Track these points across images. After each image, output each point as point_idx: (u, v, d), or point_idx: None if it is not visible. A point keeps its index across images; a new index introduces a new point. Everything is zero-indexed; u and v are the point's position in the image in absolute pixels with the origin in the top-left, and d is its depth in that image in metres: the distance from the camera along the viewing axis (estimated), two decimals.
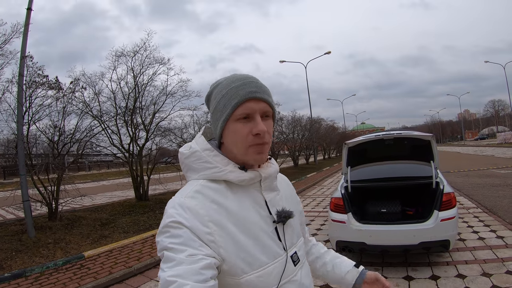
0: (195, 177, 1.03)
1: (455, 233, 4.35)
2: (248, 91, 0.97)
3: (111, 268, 5.21)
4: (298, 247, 1.10)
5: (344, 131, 55.11)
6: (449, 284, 3.89)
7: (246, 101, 0.97)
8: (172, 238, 0.87)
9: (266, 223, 1.01)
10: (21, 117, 7.18)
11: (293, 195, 1.27)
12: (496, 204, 7.74)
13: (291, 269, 1.02)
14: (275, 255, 0.99)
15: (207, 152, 1.03)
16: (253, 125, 0.97)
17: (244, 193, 1.02)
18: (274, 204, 1.05)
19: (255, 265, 0.93)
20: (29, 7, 7.41)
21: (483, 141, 71.95)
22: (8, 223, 8.33)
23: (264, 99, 0.99)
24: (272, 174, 1.07)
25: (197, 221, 0.89)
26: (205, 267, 0.83)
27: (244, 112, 0.97)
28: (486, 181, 11.82)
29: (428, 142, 4.97)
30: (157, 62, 11.20)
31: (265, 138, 0.98)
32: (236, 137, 0.98)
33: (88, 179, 29.28)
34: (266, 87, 1.04)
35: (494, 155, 25.97)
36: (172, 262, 0.83)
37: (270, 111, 1.02)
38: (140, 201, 11.03)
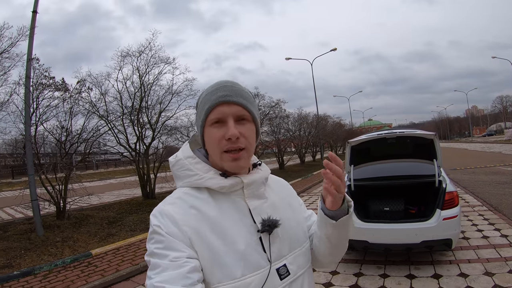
0: (180, 185, 1.04)
1: (457, 232, 4.36)
2: (219, 96, 0.96)
3: (118, 266, 5.30)
4: (291, 260, 1.01)
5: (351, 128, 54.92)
6: (451, 283, 3.91)
7: (217, 106, 0.96)
8: (156, 243, 0.88)
9: (249, 232, 0.97)
10: (28, 118, 7.30)
11: (292, 196, 1.20)
12: (501, 202, 7.71)
13: (275, 283, 0.95)
14: (256, 267, 0.93)
15: (189, 159, 1.03)
16: (226, 130, 0.95)
17: (227, 200, 0.99)
18: (259, 212, 1.00)
19: (231, 275, 0.90)
20: (35, 9, 7.53)
21: (491, 138, 71.23)
22: (17, 222, 8.48)
23: (237, 102, 0.96)
24: (256, 180, 1.03)
25: (174, 227, 0.89)
26: (191, 271, 0.83)
27: (216, 116, 0.96)
28: (492, 179, 11.74)
29: (431, 141, 4.98)
30: (162, 62, 11.34)
31: (239, 143, 0.95)
32: (211, 142, 0.98)
33: (95, 177, 29.56)
34: (244, 90, 1.01)
35: (501, 152, 25.73)
36: (158, 269, 0.83)
37: (247, 115, 0.98)
38: (147, 199, 11.15)
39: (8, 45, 7.37)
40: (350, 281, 4.29)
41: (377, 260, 4.86)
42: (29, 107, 7.31)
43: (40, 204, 7.53)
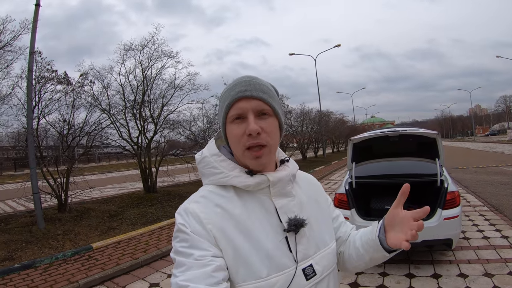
0: (206, 182, 1.02)
1: (458, 232, 4.35)
2: (237, 91, 0.95)
3: (118, 260, 5.32)
4: (317, 260, 1.00)
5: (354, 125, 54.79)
6: (450, 283, 3.91)
7: (237, 101, 0.94)
8: (182, 242, 0.88)
9: (275, 231, 0.95)
10: (30, 111, 7.32)
11: (320, 195, 1.18)
12: (503, 203, 7.69)
13: (301, 283, 0.94)
14: (281, 267, 0.92)
15: (215, 157, 1.02)
16: (246, 126, 0.93)
17: (253, 199, 0.97)
18: (286, 211, 0.98)
19: (255, 275, 0.89)
20: (37, 3, 7.51)
21: (494, 137, 71.08)
22: (19, 215, 8.50)
23: (256, 97, 0.95)
24: (283, 178, 1.00)
25: (198, 225, 0.89)
26: (216, 270, 0.83)
27: (236, 112, 0.94)
28: (494, 179, 11.73)
29: (434, 140, 4.96)
30: (165, 56, 11.31)
31: (260, 138, 0.93)
32: (232, 139, 0.97)
33: (97, 170, 29.65)
34: (264, 84, 0.99)
35: (504, 152, 25.67)
36: (183, 267, 0.83)
37: (267, 109, 0.96)
38: (148, 193, 11.17)
39: (11, 38, 7.39)
40: (350, 279, 4.29)
41: None
42: (31, 100, 7.32)
43: (42, 197, 7.56)
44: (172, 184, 13.60)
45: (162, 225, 7.42)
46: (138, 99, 10.98)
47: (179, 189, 12.45)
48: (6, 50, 7.46)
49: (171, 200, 10.39)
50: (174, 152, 13.31)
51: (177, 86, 11.73)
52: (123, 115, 10.80)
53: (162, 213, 8.64)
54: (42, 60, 7.99)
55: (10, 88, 7.80)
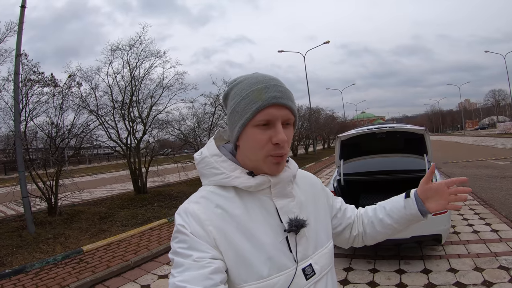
0: (205, 183, 1.01)
1: (447, 227, 4.38)
2: (271, 96, 0.91)
3: (109, 262, 5.28)
4: (316, 259, 1.01)
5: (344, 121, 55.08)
6: (440, 278, 3.94)
7: (268, 107, 0.91)
8: (180, 243, 0.87)
9: (275, 232, 0.95)
10: (18, 114, 7.23)
11: (319, 193, 1.18)
12: (492, 196, 7.78)
13: (301, 283, 0.95)
14: (281, 267, 0.92)
15: (215, 157, 1.00)
16: (273, 133, 0.92)
17: (253, 199, 0.97)
18: (286, 211, 0.98)
19: (256, 275, 0.89)
20: (23, 4, 7.38)
21: (483, 131, 71.88)
22: (9, 219, 8.40)
23: (287, 106, 0.93)
24: (284, 179, 1.00)
25: (198, 226, 0.88)
26: (213, 272, 0.82)
27: (265, 118, 0.91)
28: (484, 172, 11.85)
29: (422, 136, 4.99)
30: (153, 55, 11.26)
31: (285, 148, 0.94)
32: (254, 144, 0.93)
33: (88, 172, 29.39)
34: (290, 91, 0.98)
35: (493, 146, 25.96)
36: (181, 268, 0.83)
37: (292, 119, 0.96)
38: (139, 194, 11.10)
39: None
40: (340, 276, 4.30)
41: (367, 255, 4.88)
42: (18, 103, 7.22)
43: (32, 201, 7.49)
44: (162, 184, 13.54)
45: (153, 226, 7.38)
46: (126, 99, 10.91)
47: (170, 189, 12.39)
48: None
49: (161, 200, 10.34)
50: (164, 152, 13.28)
51: (165, 86, 11.71)
52: (111, 116, 10.73)
53: (152, 214, 8.60)
54: (29, 62, 7.90)
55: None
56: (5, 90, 7.73)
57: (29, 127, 8.05)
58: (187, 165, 12.74)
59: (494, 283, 3.67)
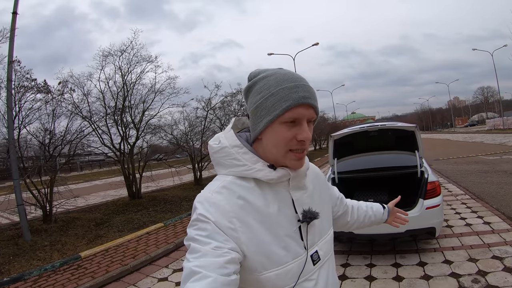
0: (224, 173, 1.03)
1: (440, 220, 4.48)
2: (301, 96, 0.95)
3: (108, 267, 5.30)
4: (320, 246, 1.09)
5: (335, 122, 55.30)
6: (436, 270, 4.03)
7: (297, 106, 0.94)
8: (199, 230, 0.89)
9: (290, 222, 1.01)
10: (11, 121, 7.20)
11: (322, 184, 1.26)
12: (484, 190, 7.92)
13: (309, 268, 1.02)
14: (296, 254, 0.99)
15: (236, 149, 1.02)
16: (298, 131, 0.96)
17: (272, 191, 1.01)
18: (301, 203, 1.05)
19: (276, 262, 0.95)
20: (14, 11, 7.37)
21: (473, 128, 72.65)
22: (3, 228, 8.33)
23: (313, 106, 0.97)
24: (301, 172, 1.05)
25: (222, 216, 0.91)
26: (229, 262, 0.84)
27: (293, 116, 0.94)
28: (474, 168, 12.03)
29: (412, 133, 5.09)
30: (144, 60, 11.27)
31: (307, 144, 0.98)
32: (279, 140, 0.97)
33: (80, 179, 29.15)
34: (314, 91, 1.02)
35: (483, 142, 26.29)
36: (198, 253, 0.85)
37: (315, 117, 1.01)
38: (133, 199, 11.07)
39: None
40: (338, 271, 4.35)
41: (363, 250, 4.97)
42: (11, 110, 7.20)
43: (26, 209, 7.43)
44: (156, 189, 13.52)
45: (149, 230, 7.40)
46: (119, 105, 10.90)
47: (164, 193, 12.37)
48: None
49: (156, 205, 10.34)
50: (157, 157, 13.27)
51: (157, 91, 11.73)
52: (104, 122, 10.70)
53: (148, 219, 8.60)
54: (21, 69, 7.88)
55: None
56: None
57: (21, 134, 8.01)
58: (181, 169, 12.74)
59: (488, 272, 3.77)
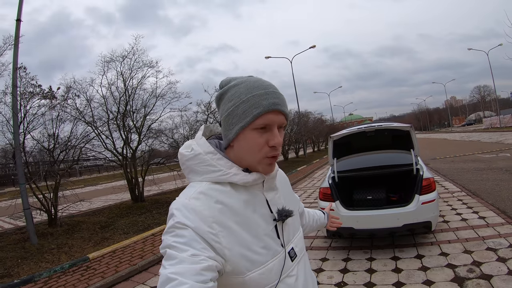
0: (199, 179, 1.03)
1: (436, 214, 4.67)
2: (271, 102, 0.97)
3: (117, 267, 5.45)
4: (295, 243, 1.12)
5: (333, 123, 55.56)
6: (433, 262, 4.21)
7: (267, 112, 0.97)
8: (177, 237, 0.88)
9: (266, 221, 1.04)
10: (17, 127, 7.35)
11: (288, 187, 1.31)
12: (479, 187, 8.09)
13: (289, 264, 1.05)
14: (275, 252, 1.02)
15: (210, 155, 1.03)
16: (269, 136, 0.98)
17: (247, 193, 1.03)
18: (275, 203, 1.08)
19: (258, 262, 0.97)
20: (18, 18, 7.55)
21: (470, 127, 73.01)
22: (9, 233, 8.49)
23: (284, 112, 1.00)
24: (274, 174, 1.09)
25: (201, 222, 0.91)
26: (206, 269, 0.84)
27: (264, 122, 0.97)
28: (471, 166, 12.19)
29: (408, 132, 5.30)
30: (145, 65, 11.46)
31: (278, 150, 1.01)
32: (251, 146, 0.99)
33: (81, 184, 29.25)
34: (284, 97, 1.04)
35: (480, 140, 26.46)
36: (174, 260, 0.84)
37: (286, 123, 1.04)
38: (136, 202, 11.24)
39: None
40: (339, 265, 4.56)
41: (363, 246, 5.15)
42: (17, 116, 7.36)
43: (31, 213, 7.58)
44: (158, 192, 13.67)
45: (155, 231, 7.55)
46: (121, 109, 11.08)
47: (166, 196, 12.53)
48: None
49: (159, 208, 10.49)
50: (158, 161, 13.43)
51: (158, 95, 11.91)
52: (107, 127, 10.87)
53: (152, 221, 8.76)
54: (26, 75, 8.05)
55: None
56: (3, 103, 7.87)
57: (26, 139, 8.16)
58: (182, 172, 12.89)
59: (483, 263, 3.95)
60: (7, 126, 7.90)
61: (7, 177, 32.60)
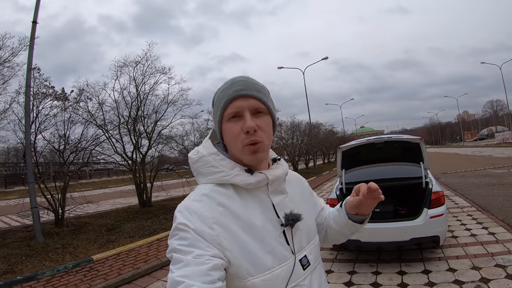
0: (204, 181, 1.04)
1: (444, 229, 4.59)
2: (234, 90, 0.98)
3: (120, 270, 5.44)
4: (309, 251, 1.07)
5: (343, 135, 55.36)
6: (440, 277, 4.12)
7: (234, 100, 0.97)
8: (180, 240, 0.89)
9: (273, 226, 1.01)
10: (28, 126, 7.45)
11: (305, 191, 1.26)
12: (490, 203, 7.96)
13: (299, 273, 1.00)
14: (282, 259, 0.98)
15: (213, 156, 1.03)
16: (243, 123, 0.97)
17: (251, 196, 1.01)
18: (282, 207, 1.04)
19: (261, 268, 0.93)
20: (34, 20, 7.71)
21: (482, 142, 72.23)
22: (16, 230, 8.54)
23: (252, 96, 0.98)
24: (279, 176, 1.06)
25: (202, 223, 0.90)
26: (212, 268, 0.83)
27: (233, 111, 0.97)
28: (482, 181, 12.04)
29: (418, 145, 5.23)
30: (158, 72, 11.52)
31: (257, 135, 0.97)
32: (230, 137, 0.99)
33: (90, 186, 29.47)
34: (259, 84, 1.03)
35: (492, 155, 26.20)
36: (180, 263, 0.84)
37: (262, 107, 1.00)
38: (144, 207, 11.24)
39: (10, 55, 7.57)
40: (344, 278, 4.49)
41: (369, 259, 5.06)
42: (29, 116, 7.45)
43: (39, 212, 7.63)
44: (166, 198, 13.67)
45: (160, 237, 7.54)
46: (133, 114, 11.15)
47: (174, 203, 12.45)
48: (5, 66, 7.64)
49: (166, 213, 10.46)
50: (167, 167, 13.44)
51: (170, 102, 11.93)
52: (117, 131, 10.94)
53: (158, 226, 8.75)
54: (40, 76, 8.17)
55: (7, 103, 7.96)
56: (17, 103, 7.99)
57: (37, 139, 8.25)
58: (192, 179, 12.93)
59: (491, 280, 3.86)
60: (19, 125, 8.03)
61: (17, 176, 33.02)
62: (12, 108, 8.03)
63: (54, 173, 8.21)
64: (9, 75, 7.89)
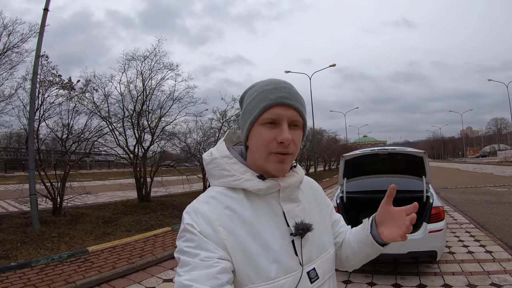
0: (215, 184, 1.02)
1: (442, 244, 4.58)
2: (278, 96, 0.94)
3: (114, 263, 5.44)
4: (319, 264, 1.02)
5: (346, 143, 55.34)
6: None
7: (274, 106, 0.93)
8: (188, 242, 0.87)
9: (282, 235, 0.97)
10: (33, 113, 7.45)
11: (320, 200, 1.20)
12: (488, 221, 7.95)
13: (306, 286, 0.96)
14: (288, 270, 0.94)
15: (226, 159, 1.01)
16: (278, 132, 0.93)
17: (262, 202, 0.98)
18: (293, 216, 1.00)
19: (264, 277, 0.90)
20: (46, 7, 7.70)
21: (484, 159, 72.07)
22: (13, 216, 8.52)
23: (294, 107, 0.95)
24: (292, 184, 1.02)
25: (208, 226, 0.89)
26: (220, 272, 0.82)
27: (271, 117, 0.93)
28: (481, 198, 12.02)
29: (421, 158, 5.21)
30: (165, 68, 11.52)
31: (289, 148, 0.94)
32: (260, 142, 0.95)
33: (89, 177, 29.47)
34: (300, 95, 1.00)
35: (493, 173, 26.14)
36: (187, 266, 0.83)
37: (300, 121, 0.97)
38: (142, 202, 11.20)
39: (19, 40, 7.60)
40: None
41: (365, 269, 5.01)
42: (34, 103, 7.45)
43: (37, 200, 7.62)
44: (165, 194, 13.65)
45: (157, 233, 7.54)
46: (137, 108, 11.16)
47: (173, 199, 12.48)
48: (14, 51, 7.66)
49: (164, 209, 10.46)
50: (168, 163, 13.43)
51: (175, 98, 11.93)
52: (121, 124, 10.95)
53: (156, 222, 8.75)
54: (48, 64, 8.19)
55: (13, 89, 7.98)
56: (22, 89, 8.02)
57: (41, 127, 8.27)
58: (192, 177, 12.92)
59: None
60: (24, 111, 8.02)
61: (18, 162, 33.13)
62: (17, 94, 8.07)
63: (55, 161, 8.22)
64: (17, 60, 7.92)
